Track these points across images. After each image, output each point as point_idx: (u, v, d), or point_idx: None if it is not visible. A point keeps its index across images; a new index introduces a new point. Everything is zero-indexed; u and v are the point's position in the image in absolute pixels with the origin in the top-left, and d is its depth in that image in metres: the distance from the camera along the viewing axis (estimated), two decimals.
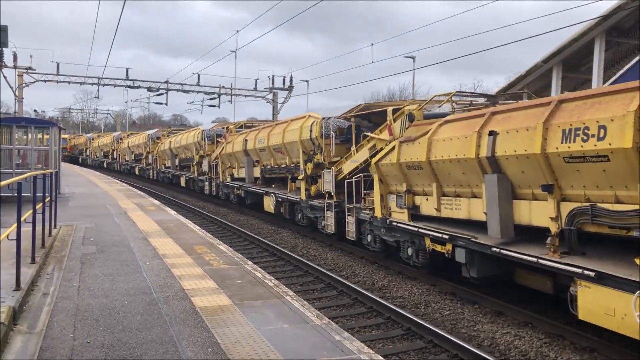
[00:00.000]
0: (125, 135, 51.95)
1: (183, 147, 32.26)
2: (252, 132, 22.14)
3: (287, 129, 18.54)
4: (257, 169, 21.74)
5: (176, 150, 33.78)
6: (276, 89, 47.36)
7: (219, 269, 9.19)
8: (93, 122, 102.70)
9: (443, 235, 10.26)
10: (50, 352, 5.42)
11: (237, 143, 22.95)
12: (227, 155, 24.62)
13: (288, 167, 18.86)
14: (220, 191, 25.95)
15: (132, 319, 6.47)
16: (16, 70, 39.43)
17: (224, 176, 25.20)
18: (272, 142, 19.50)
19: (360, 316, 9.74)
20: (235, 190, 23.60)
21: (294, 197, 17.77)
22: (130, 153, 46.66)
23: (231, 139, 23.90)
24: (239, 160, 23.41)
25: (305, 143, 17.41)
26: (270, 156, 20.26)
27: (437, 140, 10.41)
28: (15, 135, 19.19)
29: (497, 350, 7.98)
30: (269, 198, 19.60)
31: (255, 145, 20.97)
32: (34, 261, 8.67)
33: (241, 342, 5.74)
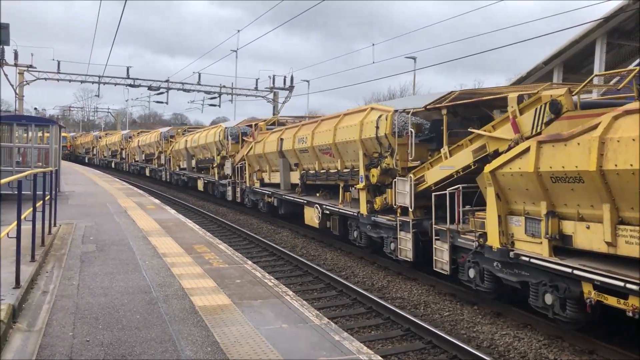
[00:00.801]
0: (135, 133, 48.19)
1: (201, 147, 28.84)
2: (289, 130, 18.59)
3: (340, 125, 14.56)
4: (295, 173, 18.23)
5: (193, 150, 30.41)
6: (277, 88, 47.32)
7: (218, 268, 9.19)
8: (93, 120, 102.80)
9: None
10: (49, 350, 5.42)
11: (270, 143, 19.55)
12: (255, 157, 21.27)
13: (340, 172, 15.01)
14: (246, 198, 22.69)
15: (132, 317, 6.47)
16: (17, 68, 39.40)
17: (252, 181, 21.94)
18: (318, 142, 15.99)
19: (359, 316, 9.74)
20: (267, 197, 20.14)
21: (349, 211, 14.10)
22: (141, 153, 43.04)
23: (261, 138, 20.59)
24: (272, 163, 20.06)
25: (368, 143, 13.36)
26: (314, 159, 16.64)
27: (614, 139, 7.23)
28: (15, 133, 19.17)
29: (496, 351, 7.98)
30: (313, 210, 16.21)
31: (294, 146, 17.36)
32: (33, 259, 8.68)
33: (240, 342, 5.74)
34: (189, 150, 31.17)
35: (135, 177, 42.42)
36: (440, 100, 11.24)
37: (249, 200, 22.40)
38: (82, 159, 65.09)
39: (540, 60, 21.43)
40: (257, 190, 21.18)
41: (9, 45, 17.61)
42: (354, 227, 14.13)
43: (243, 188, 22.84)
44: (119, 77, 44.47)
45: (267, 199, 20.09)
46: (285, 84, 46.76)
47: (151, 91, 47.11)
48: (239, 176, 23.26)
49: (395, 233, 12.01)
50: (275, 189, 19.51)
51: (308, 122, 18.25)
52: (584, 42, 19.43)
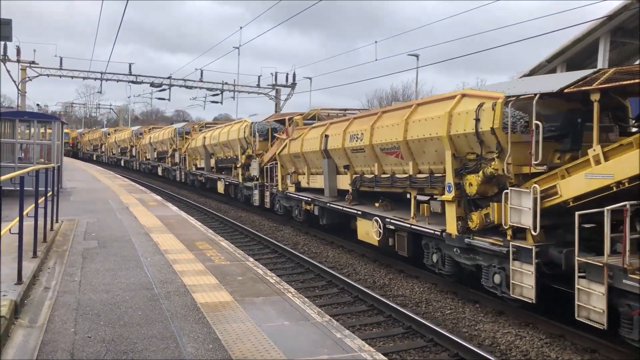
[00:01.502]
0: (146, 129, 45.30)
1: (222, 145, 25.80)
2: (335, 125, 15.48)
3: (414, 118, 11.42)
4: (344, 177, 15.04)
5: (212, 148, 27.51)
6: (279, 85, 47.30)
7: (220, 265, 9.19)
8: (95, 117, 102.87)
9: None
10: (51, 346, 5.42)
11: (310, 140, 16.67)
12: (290, 157, 18.16)
13: (413, 178, 11.55)
14: (277, 203, 19.69)
15: (133, 314, 6.47)
16: (19, 64, 39.41)
17: (285, 184, 18.82)
18: (380, 139, 12.45)
19: (361, 314, 9.73)
20: (304, 204, 17.11)
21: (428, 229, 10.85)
22: (153, 150, 39.97)
23: (298, 134, 17.67)
24: (312, 164, 16.98)
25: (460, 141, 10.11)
26: (372, 160, 13.19)
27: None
28: (18, 130, 19.19)
29: (498, 349, 7.97)
30: (370, 223, 12.81)
31: (344, 144, 14.24)
32: (35, 255, 8.68)
33: (242, 339, 5.73)
34: (207, 148, 28.24)
35: (147, 177, 40.26)
36: (587, 81, 8.14)
37: (280, 206, 19.31)
38: (90, 156, 62.53)
39: (543, 59, 21.38)
40: (293, 195, 17.98)
41: (11, 41, 17.59)
42: (433, 249, 10.78)
43: (273, 192, 19.74)
44: (122, 74, 44.48)
45: (306, 206, 17.01)
46: (288, 81, 46.76)
47: (153, 88, 47.04)
48: (268, 178, 20.22)
49: (502, 262, 8.99)
50: (316, 195, 16.26)
51: (362, 114, 15.26)
52: (587, 40, 19.37)
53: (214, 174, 27.64)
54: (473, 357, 7.46)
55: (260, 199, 21.19)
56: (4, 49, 37.16)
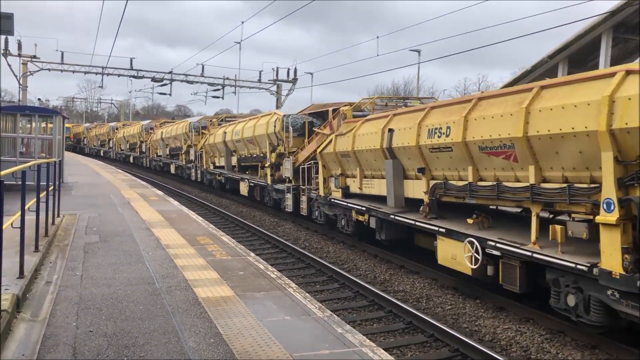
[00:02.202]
0: (158, 124, 42.71)
1: (246, 141, 23.08)
2: (403, 117, 12.21)
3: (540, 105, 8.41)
4: (416, 183, 11.78)
5: (234, 144, 24.73)
6: (280, 80, 47.24)
7: (221, 260, 9.20)
8: (97, 111, 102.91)
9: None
10: (53, 340, 5.44)
11: (366, 136, 13.33)
12: (336, 156, 14.98)
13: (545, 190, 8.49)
14: (316, 210, 16.58)
15: (135, 308, 6.48)
16: (20, 58, 39.37)
17: (327, 188, 15.76)
18: (481, 135, 9.42)
19: (361, 309, 9.75)
20: (355, 214, 14.03)
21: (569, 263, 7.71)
22: (164, 146, 37.31)
23: (348, 129, 14.43)
24: (368, 166, 13.74)
25: None
26: (464, 161, 10.07)
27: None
28: (19, 124, 19.19)
29: (498, 345, 7.99)
30: (460, 246, 9.72)
31: (419, 140, 11.10)
32: (37, 249, 8.70)
33: (243, 333, 5.75)
34: (228, 144, 25.36)
35: (158, 175, 38.34)
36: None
37: (320, 214, 16.31)
38: (97, 152, 60.01)
39: (545, 54, 21.31)
40: (339, 202, 14.87)
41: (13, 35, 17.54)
42: (569, 288, 7.84)
43: (313, 197, 16.71)
44: (123, 69, 44.40)
45: (357, 216, 13.98)
46: (289, 76, 46.68)
47: (154, 82, 47.02)
48: (305, 181, 17.25)
49: None
50: (373, 204, 13.21)
51: (445, 103, 11.81)
52: (590, 36, 19.30)
53: (235, 173, 24.80)
54: (473, 353, 7.48)
55: (294, 204, 18.12)
56: (6, 43, 37.13)
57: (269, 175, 20.36)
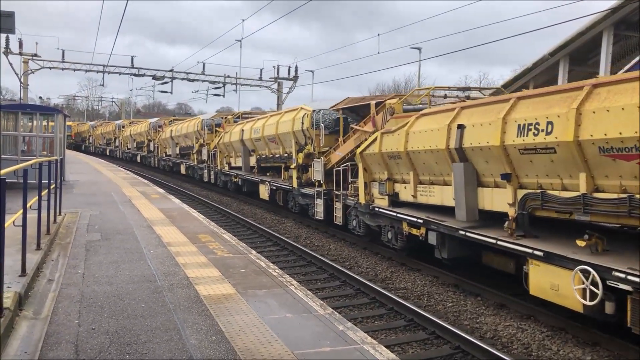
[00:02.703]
0: (166, 122, 40.82)
1: (267, 140, 20.91)
2: (475, 110, 10.06)
3: None
4: (500, 192, 9.51)
5: (253, 143, 22.55)
6: (281, 78, 47.22)
7: (223, 258, 9.22)
8: (98, 109, 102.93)
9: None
10: (55, 338, 5.46)
11: (422, 134, 11.12)
12: (382, 157, 12.64)
13: None
14: (355, 219, 14.19)
15: (137, 306, 6.50)
16: (21, 56, 39.38)
17: (369, 195, 13.41)
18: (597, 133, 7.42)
19: (363, 307, 9.77)
20: (407, 226, 11.75)
21: None
22: (174, 145, 35.32)
23: (398, 125, 12.03)
24: (425, 169, 11.40)
25: None
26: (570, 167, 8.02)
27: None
28: (20, 122, 19.21)
29: (499, 342, 8.00)
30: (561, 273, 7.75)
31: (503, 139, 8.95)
32: (39, 248, 8.72)
33: (245, 331, 5.76)
34: (246, 143, 23.28)
35: (167, 176, 36.93)
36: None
37: (359, 224, 13.94)
38: (103, 151, 58.38)
39: (546, 52, 21.29)
40: (385, 212, 12.59)
41: (14, 33, 17.54)
42: None
43: (350, 204, 14.45)
44: (124, 67, 44.42)
45: (409, 229, 11.65)
46: (290, 74, 46.67)
47: (155, 81, 47.02)
48: (339, 185, 14.87)
49: None
50: (432, 215, 10.97)
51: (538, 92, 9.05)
52: (591, 33, 19.28)
53: (255, 175, 22.68)
54: (475, 350, 7.49)
55: (325, 211, 15.83)
56: (7, 41, 37.16)
57: (294, 177, 18.00)
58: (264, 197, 21.00)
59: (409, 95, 14.00)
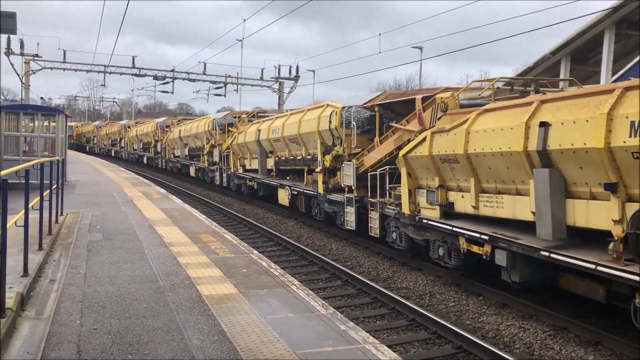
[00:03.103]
0: (175, 121, 39.14)
1: (287, 140, 19.03)
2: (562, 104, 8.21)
3: None
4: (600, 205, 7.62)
5: (270, 144, 20.67)
6: (282, 78, 47.20)
7: (224, 258, 9.22)
8: (99, 110, 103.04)
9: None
10: (57, 338, 5.46)
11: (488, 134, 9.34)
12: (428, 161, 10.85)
13: None
14: (395, 232, 12.34)
15: (139, 306, 6.50)
16: (23, 57, 39.41)
17: (413, 204, 11.56)
18: None
19: (365, 306, 9.76)
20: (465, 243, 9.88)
21: None
22: (183, 146, 33.56)
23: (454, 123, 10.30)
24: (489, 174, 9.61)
25: None
26: None
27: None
28: (22, 123, 19.23)
29: (501, 342, 7.99)
30: None
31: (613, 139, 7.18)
32: (41, 248, 8.73)
33: (247, 331, 5.76)
34: (263, 144, 21.54)
35: (169, 176, 36.31)
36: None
37: (401, 236, 12.06)
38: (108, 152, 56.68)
39: (548, 51, 21.29)
40: (435, 224, 10.68)
41: (15, 34, 17.54)
42: None
43: (389, 214, 12.45)
44: (125, 67, 44.43)
45: (469, 246, 9.81)
46: (291, 73, 46.67)
47: (157, 81, 47.05)
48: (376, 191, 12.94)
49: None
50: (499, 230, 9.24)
51: None
52: (592, 32, 19.28)
53: (273, 179, 20.81)
54: (477, 350, 7.48)
55: (357, 220, 14.09)
56: (8, 42, 37.21)
57: (320, 182, 16.19)
58: (284, 203, 19.28)
59: (465, 88, 11.66)
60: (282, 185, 19.26)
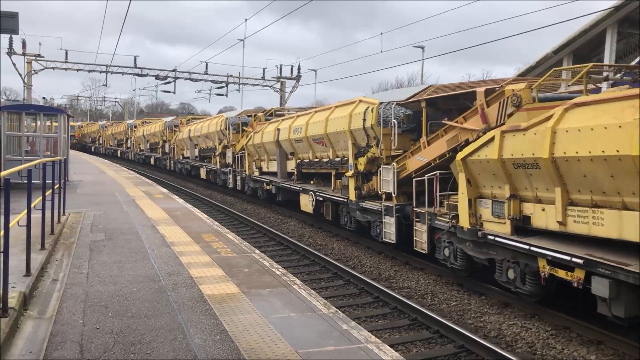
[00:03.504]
0: (184, 121, 37.33)
1: (311, 141, 17.35)
2: None
3: None
4: None
5: (291, 144, 18.93)
6: (284, 78, 47.24)
7: (226, 257, 9.23)
8: (101, 110, 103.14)
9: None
10: (60, 337, 5.48)
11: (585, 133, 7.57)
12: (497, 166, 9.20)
13: None
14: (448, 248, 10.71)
15: (141, 305, 6.51)
16: (25, 57, 39.48)
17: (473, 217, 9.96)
18: None
19: (366, 306, 9.76)
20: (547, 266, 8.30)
21: None
22: (193, 147, 32.17)
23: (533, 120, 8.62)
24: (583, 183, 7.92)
25: None
26: None
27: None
28: (24, 123, 19.26)
29: (503, 341, 7.99)
30: None
31: None
32: (43, 247, 8.75)
33: (249, 330, 5.77)
34: (282, 144, 19.74)
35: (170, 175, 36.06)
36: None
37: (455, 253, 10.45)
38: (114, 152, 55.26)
39: (550, 50, 21.27)
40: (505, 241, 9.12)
41: (17, 34, 17.59)
42: None
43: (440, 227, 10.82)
44: (127, 67, 44.48)
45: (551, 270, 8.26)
46: (293, 73, 46.70)
47: (158, 80, 47.08)
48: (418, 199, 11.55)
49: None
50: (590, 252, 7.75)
51: None
52: (594, 31, 19.26)
53: (294, 183, 19.02)
54: (479, 349, 7.48)
55: (397, 232, 12.34)
56: (10, 42, 37.26)
57: (351, 188, 14.45)
58: (307, 210, 17.66)
59: (546, 78, 9.53)
60: (306, 191, 17.54)
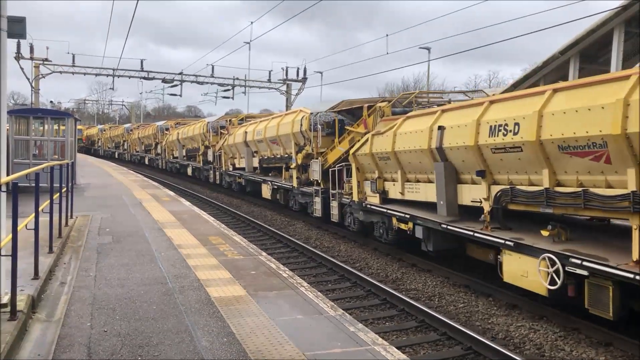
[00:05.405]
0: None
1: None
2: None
3: None
4: None
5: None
6: (290, 80, 47.28)
7: (233, 260, 9.23)
8: (108, 113, 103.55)
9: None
10: (68, 340, 5.50)
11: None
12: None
13: None
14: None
15: (148, 308, 6.53)
16: (32, 61, 39.72)
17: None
18: None
19: (374, 308, 9.74)
20: None
21: None
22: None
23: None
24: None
25: None
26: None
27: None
28: (32, 126, 19.37)
29: (511, 343, 7.95)
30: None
31: None
32: (51, 251, 8.79)
33: (256, 332, 5.77)
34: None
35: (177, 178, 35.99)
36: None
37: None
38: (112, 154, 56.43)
39: (556, 50, 21.15)
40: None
41: (25, 39, 17.61)
42: None
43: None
44: (133, 70, 44.67)
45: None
46: (298, 75, 46.73)
47: (165, 83, 47.23)
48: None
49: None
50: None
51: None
52: (601, 31, 19.13)
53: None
54: (487, 351, 7.45)
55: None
56: (18, 46, 37.51)
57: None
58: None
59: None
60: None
